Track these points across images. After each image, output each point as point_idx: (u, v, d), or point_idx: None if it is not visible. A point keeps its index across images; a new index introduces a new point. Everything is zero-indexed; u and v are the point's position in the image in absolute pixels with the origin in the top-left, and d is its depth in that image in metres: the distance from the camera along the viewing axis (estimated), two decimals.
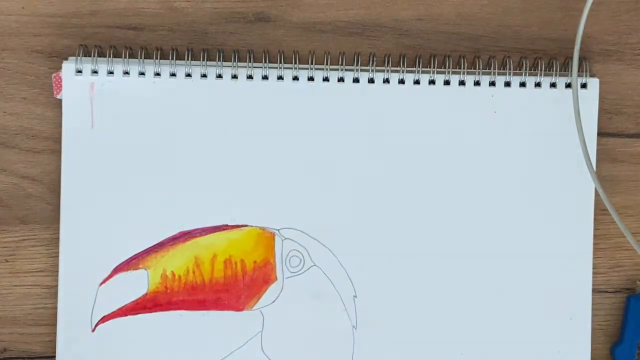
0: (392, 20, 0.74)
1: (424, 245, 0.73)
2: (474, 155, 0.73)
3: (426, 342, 0.73)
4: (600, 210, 0.73)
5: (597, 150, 0.73)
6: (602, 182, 0.73)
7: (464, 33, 0.74)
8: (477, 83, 0.73)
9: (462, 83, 0.73)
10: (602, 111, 0.73)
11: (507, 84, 0.73)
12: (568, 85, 0.72)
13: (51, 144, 0.73)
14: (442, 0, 0.74)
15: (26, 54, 0.74)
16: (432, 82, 0.73)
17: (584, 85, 0.73)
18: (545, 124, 0.73)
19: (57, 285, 0.72)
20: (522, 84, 0.73)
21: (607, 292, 0.74)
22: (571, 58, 0.72)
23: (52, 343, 0.73)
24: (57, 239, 0.73)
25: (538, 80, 0.73)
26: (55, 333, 0.72)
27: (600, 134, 0.73)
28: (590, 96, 0.73)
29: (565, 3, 0.74)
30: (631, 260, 0.75)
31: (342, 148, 0.73)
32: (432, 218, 0.73)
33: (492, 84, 0.72)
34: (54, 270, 0.73)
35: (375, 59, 0.73)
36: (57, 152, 0.73)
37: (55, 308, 0.72)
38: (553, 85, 0.73)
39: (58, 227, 0.72)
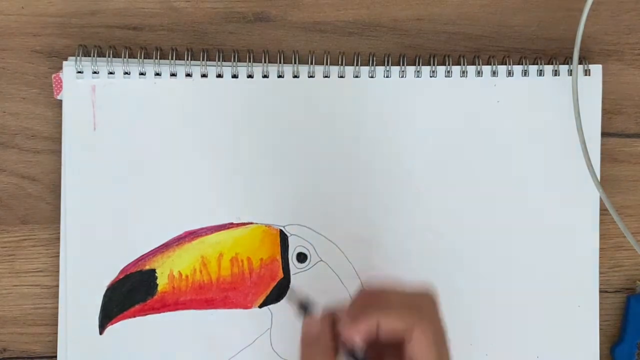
0: (392, 20, 0.75)
1: (430, 238, 0.73)
2: (480, 146, 0.73)
3: None
4: (600, 210, 0.73)
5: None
6: (602, 182, 0.73)
7: (464, 33, 0.75)
8: (479, 74, 0.73)
9: (464, 74, 0.73)
10: (602, 111, 0.73)
11: (510, 74, 0.73)
12: (571, 73, 0.73)
13: (51, 144, 0.73)
14: (442, 0, 0.74)
15: (26, 54, 0.74)
16: (433, 75, 0.73)
17: (587, 73, 0.73)
18: (549, 114, 0.73)
19: (57, 285, 0.72)
20: (525, 73, 0.73)
21: (607, 292, 0.74)
22: (571, 58, 0.72)
23: (52, 343, 0.73)
24: (57, 239, 0.73)
25: (540, 68, 0.73)
26: (56, 333, 0.72)
27: (600, 133, 0.73)
28: (594, 83, 0.73)
29: (565, 3, 0.74)
30: (631, 260, 0.75)
31: (345, 143, 0.73)
32: (437, 211, 0.73)
33: (494, 74, 0.73)
34: (54, 270, 0.73)
35: (375, 58, 0.73)
36: (57, 152, 0.73)
37: (56, 308, 0.72)
38: (556, 73, 0.73)
39: (58, 227, 0.72)
